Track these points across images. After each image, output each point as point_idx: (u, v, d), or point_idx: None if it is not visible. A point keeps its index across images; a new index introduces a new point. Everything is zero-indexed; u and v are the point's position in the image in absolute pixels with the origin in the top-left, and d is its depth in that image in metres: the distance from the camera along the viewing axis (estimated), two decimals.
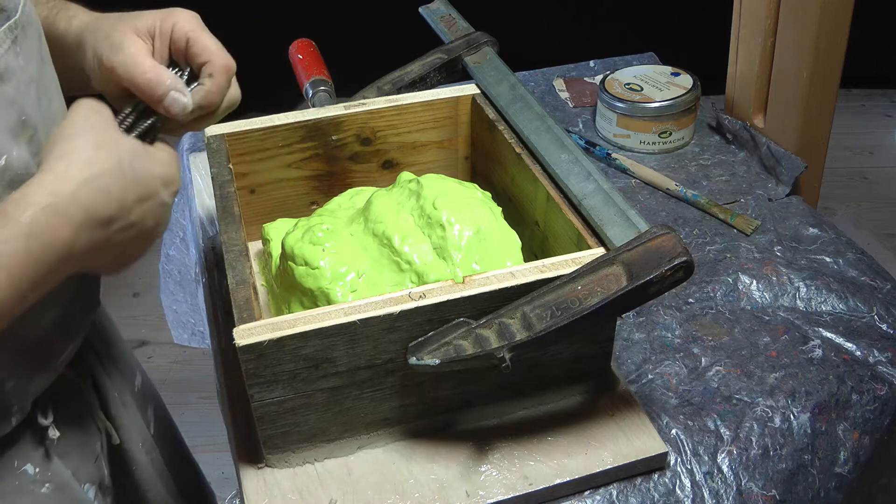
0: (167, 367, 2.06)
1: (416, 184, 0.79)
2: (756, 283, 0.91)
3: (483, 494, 0.67)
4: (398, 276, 0.73)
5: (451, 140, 0.93)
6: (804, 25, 1.02)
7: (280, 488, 0.68)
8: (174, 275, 1.26)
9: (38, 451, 0.68)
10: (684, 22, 2.56)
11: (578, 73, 1.36)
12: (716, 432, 0.75)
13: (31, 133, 0.58)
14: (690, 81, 1.16)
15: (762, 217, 1.01)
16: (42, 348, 0.65)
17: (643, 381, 0.80)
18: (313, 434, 0.69)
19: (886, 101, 2.87)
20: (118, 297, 2.26)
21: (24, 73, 0.57)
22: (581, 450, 0.70)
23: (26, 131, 0.58)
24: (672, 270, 0.63)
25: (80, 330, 0.71)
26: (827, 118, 1.09)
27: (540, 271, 0.66)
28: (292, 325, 0.62)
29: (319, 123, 0.87)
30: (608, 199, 0.72)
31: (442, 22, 1.05)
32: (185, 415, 1.92)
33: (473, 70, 0.94)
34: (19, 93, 0.56)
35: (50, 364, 0.67)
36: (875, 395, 0.79)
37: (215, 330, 0.87)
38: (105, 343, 0.84)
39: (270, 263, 0.83)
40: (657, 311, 0.88)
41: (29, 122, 0.58)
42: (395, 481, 0.68)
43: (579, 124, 1.23)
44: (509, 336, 0.63)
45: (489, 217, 0.76)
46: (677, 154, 1.16)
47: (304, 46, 1.00)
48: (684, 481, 0.72)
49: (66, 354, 0.68)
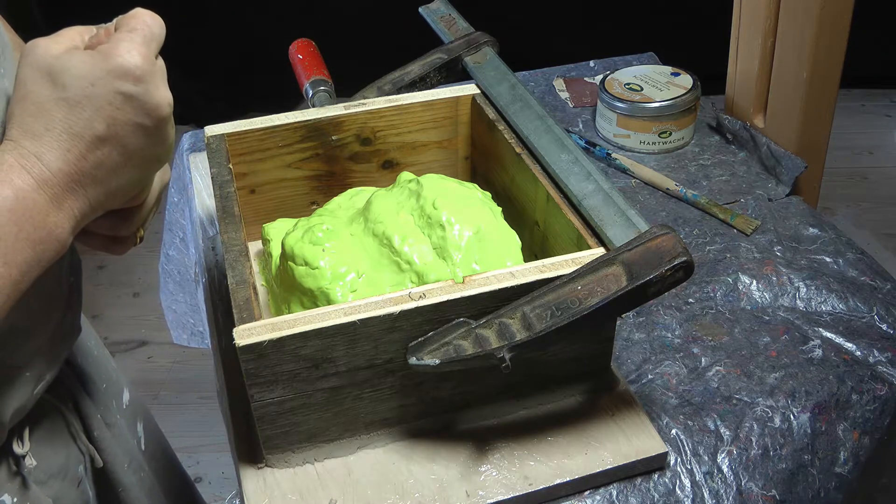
0: (167, 367, 2.06)
1: (416, 184, 0.79)
2: (756, 283, 0.91)
3: (483, 494, 0.67)
4: (398, 276, 0.73)
5: (451, 140, 0.93)
6: (804, 25, 1.02)
7: (280, 488, 0.68)
8: (174, 275, 1.26)
9: (15, 480, 0.66)
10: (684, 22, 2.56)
11: (578, 73, 1.36)
12: (716, 432, 0.75)
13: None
14: (690, 81, 1.16)
15: (762, 217, 1.01)
16: (21, 377, 0.64)
17: (643, 381, 0.80)
18: (313, 434, 0.69)
19: (886, 101, 2.87)
20: (118, 297, 2.26)
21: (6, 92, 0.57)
22: (581, 450, 0.70)
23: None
24: (672, 270, 0.63)
25: (60, 357, 0.70)
26: (827, 118, 1.09)
27: (540, 271, 0.66)
28: (292, 325, 0.62)
29: (319, 123, 0.87)
30: (608, 199, 0.72)
31: (442, 22, 1.05)
32: (185, 415, 1.93)
33: (473, 70, 0.94)
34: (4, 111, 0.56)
35: (28, 393, 0.65)
36: (875, 395, 0.79)
37: (215, 330, 0.86)
38: (87, 363, 0.82)
39: (270, 263, 0.83)
40: (657, 311, 0.88)
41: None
42: (395, 481, 0.68)
43: (579, 124, 1.23)
44: (509, 336, 0.63)
45: (489, 217, 0.76)
46: (677, 154, 1.16)
47: (304, 46, 1.00)
48: (684, 481, 0.72)
49: (44, 382, 0.67)
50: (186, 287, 1.26)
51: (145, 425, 0.92)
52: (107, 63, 0.52)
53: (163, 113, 0.54)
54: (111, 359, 0.89)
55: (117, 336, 2.14)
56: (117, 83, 0.52)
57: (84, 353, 0.82)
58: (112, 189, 0.54)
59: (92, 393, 0.80)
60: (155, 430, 0.96)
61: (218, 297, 0.89)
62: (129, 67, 0.52)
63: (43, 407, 0.70)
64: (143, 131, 0.54)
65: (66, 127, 0.51)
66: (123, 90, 0.52)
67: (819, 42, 1.01)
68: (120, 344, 2.12)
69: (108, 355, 0.89)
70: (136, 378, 1.97)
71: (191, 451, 1.79)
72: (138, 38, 0.53)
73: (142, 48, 0.53)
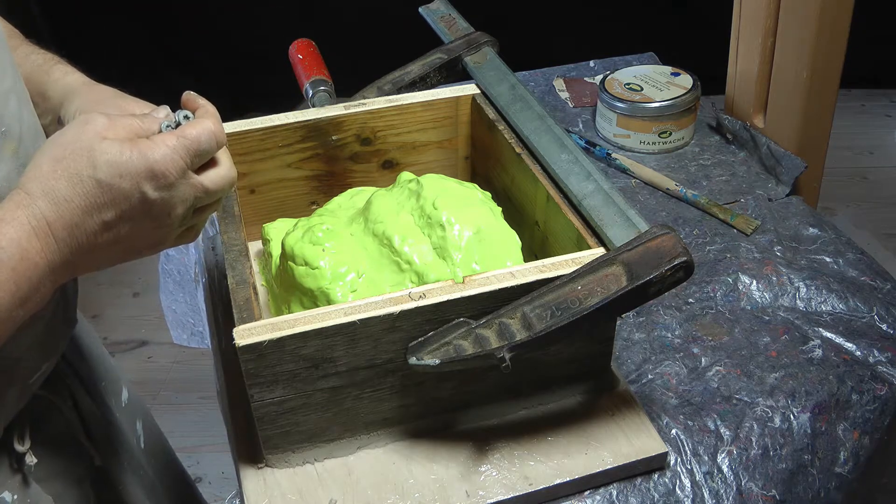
0: (167, 367, 2.06)
1: (416, 184, 0.79)
2: (756, 283, 0.91)
3: (483, 494, 0.67)
4: (398, 276, 0.73)
5: (451, 140, 0.93)
6: (804, 25, 1.02)
7: (280, 488, 0.68)
8: (174, 275, 1.26)
9: (16, 477, 0.67)
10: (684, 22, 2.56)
11: (578, 73, 1.36)
12: (716, 432, 0.75)
13: (14, 145, 0.58)
14: (690, 81, 1.16)
15: (762, 217, 1.01)
16: (16, 368, 0.64)
17: (643, 381, 0.80)
18: (313, 434, 0.69)
19: (886, 101, 2.87)
20: (118, 297, 2.26)
21: (0, 84, 0.57)
22: (581, 450, 0.70)
23: (9, 143, 0.57)
24: (672, 270, 0.63)
25: (56, 348, 0.70)
26: (827, 118, 1.09)
27: (540, 271, 0.66)
28: (292, 325, 0.62)
29: (319, 123, 0.87)
30: (608, 199, 0.72)
31: (442, 22, 1.05)
32: (185, 415, 1.92)
33: (473, 70, 0.94)
34: None
35: (24, 384, 0.66)
36: (875, 395, 0.79)
37: (215, 330, 0.87)
38: (85, 360, 0.82)
39: (270, 263, 0.83)
40: (657, 311, 0.88)
41: (10, 134, 0.57)
42: (395, 481, 0.68)
43: (579, 124, 1.23)
44: (509, 336, 0.63)
45: (489, 217, 0.76)
46: (677, 154, 1.16)
47: (304, 46, 0.99)
48: (684, 481, 0.72)
49: (39, 374, 0.67)
50: (186, 287, 1.26)
51: (144, 424, 0.92)
52: (141, 161, 0.54)
53: (172, 219, 0.57)
54: (110, 358, 0.89)
55: (117, 336, 2.14)
56: (142, 183, 0.54)
57: (82, 351, 0.82)
58: (98, 265, 0.57)
59: (91, 391, 0.80)
60: (154, 429, 0.96)
61: (218, 297, 0.89)
62: (157, 173, 0.54)
63: (43, 405, 0.70)
64: (147, 228, 0.56)
65: (85, 204, 0.53)
66: (144, 190, 0.54)
67: (819, 42, 1.01)
68: (120, 344, 2.12)
69: (107, 354, 0.89)
70: (136, 378, 1.96)
71: (191, 451, 1.79)
72: (181, 147, 0.56)
73: (178, 159, 0.55)
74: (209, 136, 0.57)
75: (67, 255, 0.54)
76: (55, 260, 0.53)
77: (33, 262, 0.51)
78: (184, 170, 0.56)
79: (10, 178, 0.57)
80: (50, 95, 0.66)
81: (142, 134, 0.57)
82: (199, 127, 0.57)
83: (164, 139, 0.55)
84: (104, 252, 0.56)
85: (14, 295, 0.51)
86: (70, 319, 0.73)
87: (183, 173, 0.56)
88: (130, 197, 0.54)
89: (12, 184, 0.56)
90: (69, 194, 0.53)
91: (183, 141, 0.56)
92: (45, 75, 0.67)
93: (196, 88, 0.63)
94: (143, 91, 0.67)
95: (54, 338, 0.69)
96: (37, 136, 0.62)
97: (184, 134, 0.56)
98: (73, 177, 0.53)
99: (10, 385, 0.64)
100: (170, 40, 2.61)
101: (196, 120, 0.58)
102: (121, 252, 0.57)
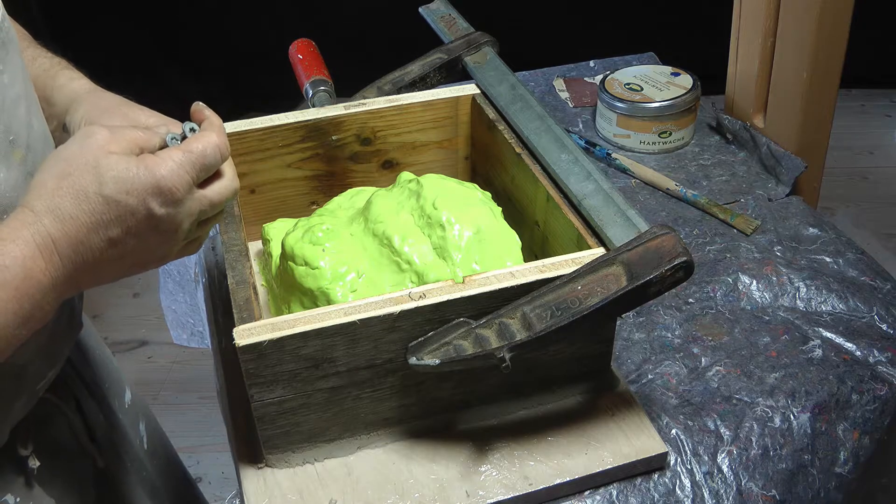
0: (167, 367, 2.06)
1: (416, 184, 0.79)
2: (756, 283, 0.91)
3: (483, 494, 0.67)
4: (398, 276, 0.73)
5: (451, 140, 0.93)
6: (804, 25, 1.02)
7: (280, 488, 0.68)
8: (174, 275, 1.26)
9: (19, 480, 0.67)
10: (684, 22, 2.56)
11: (578, 73, 1.36)
12: (716, 432, 0.75)
13: (22, 153, 0.57)
14: (690, 81, 1.16)
15: (762, 217, 1.01)
16: (23, 375, 0.64)
17: (643, 381, 0.80)
18: (313, 434, 0.69)
19: (886, 101, 2.86)
20: (118, 297, 2.26)
21: (10, 90, 0.57)
22: (581, 450, 0.70)
23: (17, 151, 0.57)
24: (672, 270, 0.63)
25: (62, 355, 0.70)
26: (827, 118, 1.09)
27: (540, 271, 0.66)
28: (292, 325, 0.62)
29: (319, 123, 0.87)
30: (608, 199, 0.72)
31: (442, 22, 1.05)
32: (185, 415, 1.92)
33: (473, 70, 0.94)
34: (4, 110, 0.56)
35: (30, 390, 0.66)
36: (875, 395, 0.79)
37: (215, 330, 0.87)
38: (89, 363, 0.82)
39: (270, 263, 0.83)
40: (657, 311, 0.88)
41: (18, 142, 0.57)
42: (395, 481, 0.68)
43: (579, 124, 1.23)
44: (509, 336, 0.63)
45: (489, 217, 0.76)
46: (677, 154, 1.16)
47: (304, 46, 0.99)
48: (684, 481, 0.72)
49: (46, 380, 0.67)
50: (186, 287, 1.26)
51: (147, 425, 0.92)
52: (148, 177, 0.54)
53: (178, 234, 0.57)
54: (113, 359, 0.89)
55: (117, 336, 2.14)
56: (149, 199, 0.54)
57: (86, 353, 0.82)
58: (102, 280, 0.57)
59: (94, 393, 0.80)
60: (157, 429, 0.96)
61: (218, 297, 0.89)
62: (163, 189, 0.54)
63: (46, 408, 0.70)
64: (152, 243, 0.56)
65: (90, 221, 0.53)
66: (151, 206, 0.54)
67: (819, 42, 1.01)
68: (120, 344, 2.12)
69: (110, 355, 0.89)
70: (137, 378, 1.96)
71: (191, 451, 1.79)
72: (187, 162, 0.56)
73: (184, 174, 0.55)
74: (214, 150, 0.57)
75: (72, 272, 0.53)
76: (59, 277, 0.53)
77: (37, 281, 0.51)
78: (190, 185, 0.56)
79: (18, 186, 0.57)
80: (55, 101, 0.66)
81: (145, 146, 0.57)
82: (205, 141, 0.57)
83: (170, 154, 0.55)
84: (109, 268, 0.55)
85: (17, 314, 0.51)
86: (75, 324, 0.73)
87: (189, 188, 0.56)
88: (136, 213, 0.54)
89: (20, 192, 0.56)
90: (75, 212, 0.52)
91: (189, 156, 0.56)
92: (51, 80, 0.67)
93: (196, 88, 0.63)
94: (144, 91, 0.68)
95: (60, 344, 0.69)
96: (46, 144, 0.62)
97: (189, 148, 0.56)
98: (79, 193, 0.52)
99: (17, 391, 0.64)
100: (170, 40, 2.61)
101: (201, 133, 0.58)
102: (125, 267, 0.57)
